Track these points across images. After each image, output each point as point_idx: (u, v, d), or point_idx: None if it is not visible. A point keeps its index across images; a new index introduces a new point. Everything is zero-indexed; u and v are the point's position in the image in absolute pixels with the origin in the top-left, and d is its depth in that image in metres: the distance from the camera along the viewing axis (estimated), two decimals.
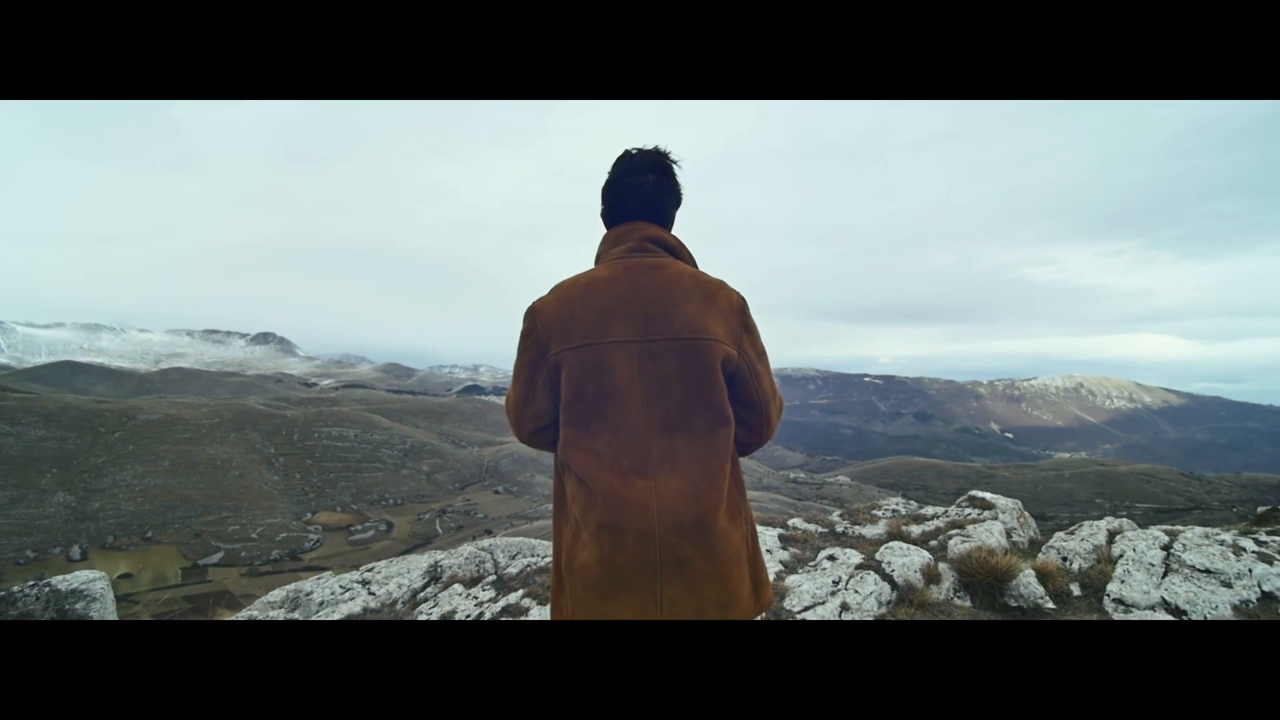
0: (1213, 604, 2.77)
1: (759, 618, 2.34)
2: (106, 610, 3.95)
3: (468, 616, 3.15)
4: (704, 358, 1.38)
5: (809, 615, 2.62)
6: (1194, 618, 2.69)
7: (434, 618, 3.23)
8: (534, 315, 1.46)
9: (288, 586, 4.95)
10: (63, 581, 3.88)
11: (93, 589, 3.91)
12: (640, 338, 1.37)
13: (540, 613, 3.04)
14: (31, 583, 3.81)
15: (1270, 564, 2.99)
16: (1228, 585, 2.89)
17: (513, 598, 3.28)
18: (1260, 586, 2.88)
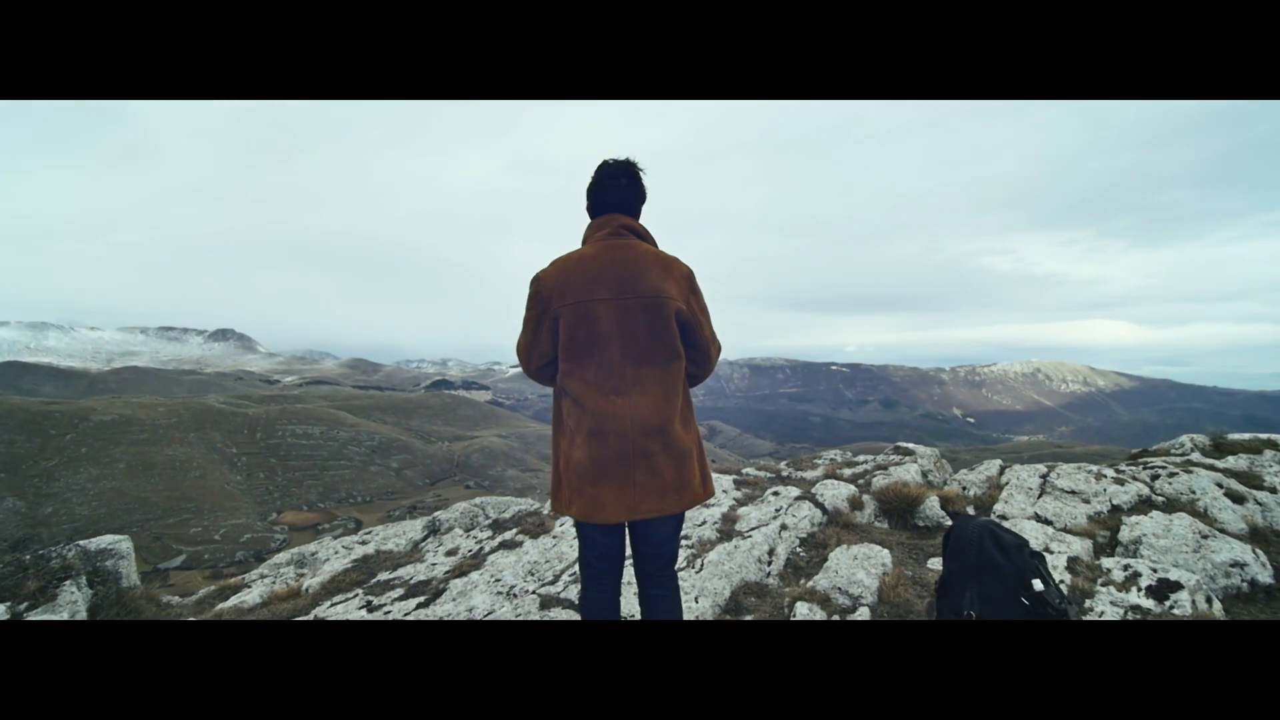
0: (1073, 515, 3.48)
1: (702, 505, 2.89)
2: (131, 568, 4.34)
3: (469, 552, 3.68)
4: (662, 311, 1.94)
5: (755, 534, 3.22)
6: (1057, 526, 3.38)
7: (439, 555, 3.74)
8: (539, 282, 2.00)
9: (292, 550, 5.38)
10: (90, 543, 4.27)
11: (119, 548, 4.30)
12: (617, 297, 1.92)
13: (533, 545, 3.59)
14: (63, 544, 4.17)
15: (1121, 485, 3.72)
16: (1086, 501, 3.61)
17: (508, 535, 3.83)
18: (1111, 501, 3.61)
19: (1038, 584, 1.96)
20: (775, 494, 3.86)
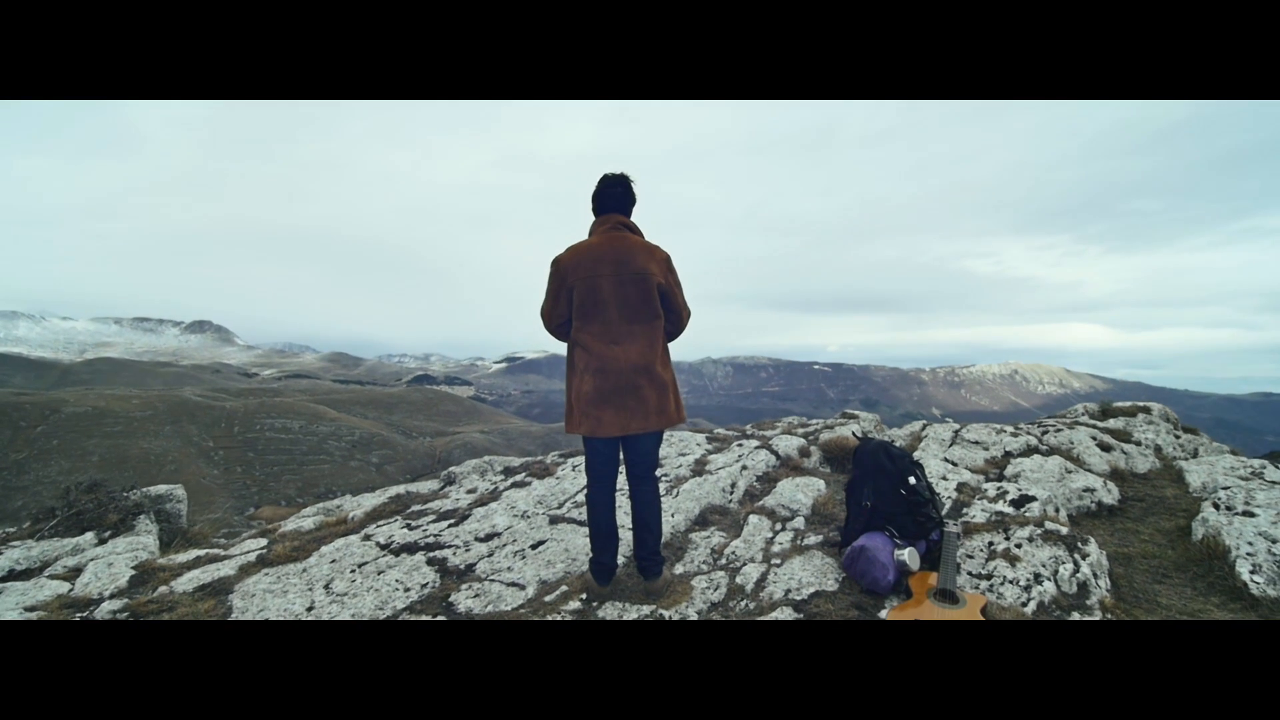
0: (974, 459, 4.34)
1: (675, 428, 3.69)
2: (185, 510, 5.02)
3: (487, 490, 4.44)
4: (647, 284, 2.71)
5: (720, 472, 4.02)
6: (962, 469, 4.22)
7: (461, 493, 4.49)
8: (558, 262, 2.75)
9: (317, 505, 6.06)
10: (152, 489, 4.94)
11: (175, 494, 4.99)
12: (614, 274, 2.68)
13: (540, 483, 4.35)
14: (133, 487, 4.84)
15: (1016, 438, 4.58)
16: (986, 449, 4.47)
17: (518, 478, 4.59)
18: (1005, 449, 4.47)
19: (912, 480, 2.77)
20: (739, 445, 4.68)
